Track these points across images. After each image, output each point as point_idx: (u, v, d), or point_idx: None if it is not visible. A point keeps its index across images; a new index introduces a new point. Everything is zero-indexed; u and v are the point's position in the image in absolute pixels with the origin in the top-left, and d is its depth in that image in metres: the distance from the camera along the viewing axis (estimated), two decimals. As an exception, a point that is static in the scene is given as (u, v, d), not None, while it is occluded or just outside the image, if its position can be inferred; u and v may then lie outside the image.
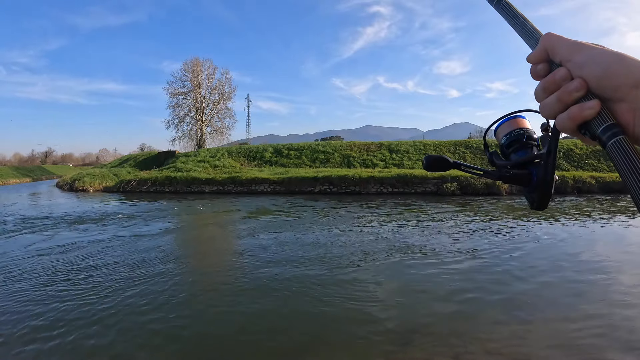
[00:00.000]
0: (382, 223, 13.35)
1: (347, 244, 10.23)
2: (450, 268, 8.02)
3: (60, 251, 10.12)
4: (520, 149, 0.70)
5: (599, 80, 0.44)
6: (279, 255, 9.20)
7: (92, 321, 5.73)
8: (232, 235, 12.64)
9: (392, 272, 7.91)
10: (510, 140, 0.71)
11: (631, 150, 0.40)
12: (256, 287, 7.09)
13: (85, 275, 7.92)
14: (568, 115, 0.46)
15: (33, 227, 14.08)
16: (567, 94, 0.46)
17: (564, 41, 0.49)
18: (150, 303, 6.37)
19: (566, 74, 0.48)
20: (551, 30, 0.51)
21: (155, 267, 8.49)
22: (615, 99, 0.44)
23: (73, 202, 23.59)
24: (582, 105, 0.45)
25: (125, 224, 14.34)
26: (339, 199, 20.77)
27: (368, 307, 6.09)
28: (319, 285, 7.05)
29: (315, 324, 5.61)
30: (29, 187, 42.02)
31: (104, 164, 52.74)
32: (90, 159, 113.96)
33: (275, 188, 26.09)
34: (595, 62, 0.45)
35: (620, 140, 0.41)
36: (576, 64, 0.47)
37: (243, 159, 34.47)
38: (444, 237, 10.90)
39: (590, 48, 0.47)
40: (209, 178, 28.57)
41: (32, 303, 6.44)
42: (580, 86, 0.45)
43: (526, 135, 0.70)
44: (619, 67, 0.43)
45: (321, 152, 33.22)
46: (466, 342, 4.89)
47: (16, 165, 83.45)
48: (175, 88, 48.38)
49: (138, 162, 39.24)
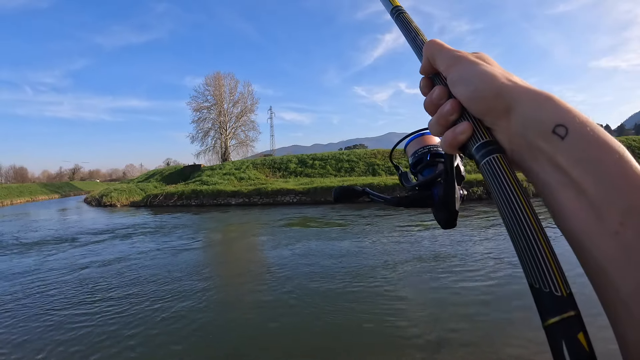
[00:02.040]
0: (410, 231, 12.74)
1: (376, 253, 9.72)
2: (480, 275, 7.73)
3: (90, 266, 9.86)
4: (425, 167, 0.66)
5: (469, 103, 0.41)
6: (311, 267, 8.73)
7: (116, 338, 5.61)
8: (259, 248, 12.22)
9: (421, 281, 7.67)
10: (415, 160, 0.68)
11: (502, 170, 0.37)
12: (288, 300, 6.84)
13: (117, 290, 7.69)
14: (444, 140, 0.43)
15: (63, 242, 13.97)
16: (443, 117, 0.43)
17: (444, 52, 0.45)
18: (177, 322, 6.10)
19: (441, 94, 0.44)
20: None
21: (184, 282, 8.28)
22: (488, 122, 0.40)
23: (101, 217, 23.65)
24: (454, 130, 0.42)
25: (153, 238, 14.08)
26: (365, 207, 20.23)
27: (400, 318, 5.89)
28: (352, 298, 6.62)
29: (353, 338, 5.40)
30: (57, 203, 42.87)
31: (131, 179, 53.59)
32: (117, 174, 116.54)
33: (301, 198, 25.65)
34: (464, 81, 0.41)
35: (493, 159, 0.38)
36: (450, 81, 0.43)
37: (268, 170, 34.25)
38: (471, 244, 10.30)
39: (466, 63, 0.42)
40: (235, 190, 28.36)
41: (66, 317, 6.20)
42: (452, 110, 0.42)
43: (430, 153, 0.66)
44: (487, 90, 0.39)
45: (346, 161, 32.74)
46: (497, 349, 4.84)
47: (45, 182, 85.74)
48: (198, 102, 49.01)
49: (164, 177, 39.47)
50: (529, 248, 0.31)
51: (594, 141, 0.33)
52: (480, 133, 0.40)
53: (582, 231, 0.32)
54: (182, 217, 21.17)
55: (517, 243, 0.32)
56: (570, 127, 0.34)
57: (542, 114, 0.36)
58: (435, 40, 0.47)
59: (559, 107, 0.36)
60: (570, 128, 0.34)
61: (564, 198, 0.34)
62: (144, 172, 60.22)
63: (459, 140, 0.41)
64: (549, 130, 0.35)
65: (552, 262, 0.31)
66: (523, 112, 0.37)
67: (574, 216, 0.33)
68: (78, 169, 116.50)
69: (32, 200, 53.92)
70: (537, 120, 0.36)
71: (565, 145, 0.34)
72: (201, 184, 31.50)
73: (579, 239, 0.32)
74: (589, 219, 0.32)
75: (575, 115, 0.35)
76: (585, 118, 0.35)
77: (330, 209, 21.07)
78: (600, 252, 0.31)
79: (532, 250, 0.31)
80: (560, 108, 0.36)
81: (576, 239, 0.33)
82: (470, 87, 0.40)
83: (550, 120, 0.35)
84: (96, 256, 11.52)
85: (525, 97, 0.37)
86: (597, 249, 0.31)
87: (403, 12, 0.57)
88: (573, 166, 0.33)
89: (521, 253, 0.32)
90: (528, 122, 0.36)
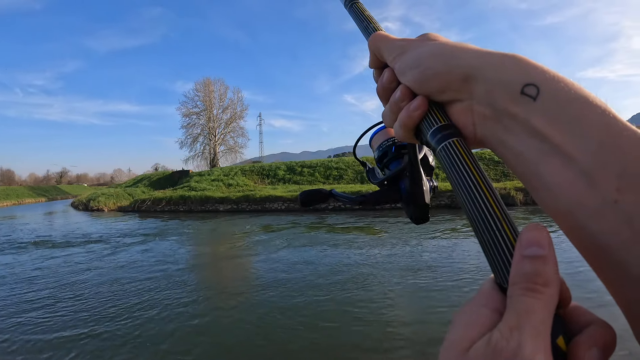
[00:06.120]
0: (397, 239, 12.98)
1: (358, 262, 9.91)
2: (465, 281, 7.81)
3: (73, 270, 9.89)
4: (391, 161, 0.63)
5: (421, 86, 0.38)
6: (299, 274, 8.82)
7: (86, 346, 5.51)
8: (245, 255, 12.27)
9: (410, 291, 7.63)
10: (380, 153, 0.64)
11: (460, 155, 0.33)
12: (273, 307, 6.83)
13: (98, 294, 7.70)
14: (399, 124, 0.40)
15: (47, 246, 13.95)
16: (395, 104, 0.40)
17: (389, 43, 0.43)
18: (163, 331, 6.07)
19: (390, 77, 0.42)
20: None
21: (166, 290, 8.22)
22: (446, 101, 0.37)
23: (88, 221, 23.62)
24: (407, 108, 0.38)
25: (138, 244, 14.15)
26: (354, 215, 20.47)
27: (387, 322, 5.79)
28: (339, 303, 6.70)
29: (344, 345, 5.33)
30: (44, 207, 42.52)
31: (119, 183, 53.35)
32: (105, 179, 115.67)
33: (289, 205, 25.83)
34: (411, 65, 0.39)
35: (450, 144, 0.34)
36: (397, 71, 0.41)
37: (256, 177, 34.45)
38: (455, 253, 10.54)
39: (411, 48, 0.40)
40: (223, 197, 28.50)
41: (46, 320, 6.24)
42: (403, 95, 0.39)
43: (395, 145, 0.62)
44: (438, 65, 0.36)
45: (334, 169, 33.06)
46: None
47: (32, 185, 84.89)
48: (187, 108, 49.23)
49: (152, 182, 39.50)
50: (495, 243, 0.28)
51: (570, 97, 0.29)
52: (434, 117, 0.37)
53: (573, 205, 0.28)
54: (169, 223, 21.25)
55: (481, 238, 0.29)
56: (541, 84, 0.30)
57: (505, 75, 0.32)
58: (379, 33, 0.45)
59: (524, 65, 0.32)
60: (542, 86, 0.30)
61: (547, 168, 0.30)
62: (132, 177, 59.99)
63: (414, 118, 0.38)
64: (517, 91, 0.31)
65: None
66: (483, 77, 0.34)
67: (562, 188, 0.29)
68: (66, 173, 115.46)
69: (18, 204, 53.40)
70: (500, 82, 0.32)
71: (539, 106, 0.30)
72: (189, 189, 31.56)
73: (571, 214, 0.28)
74: (581, 190, 0.28)
75: (544, 71, 0.31)
76: (556, 73, 0.31)
77: (319, 216, 21.29)
78: (600, 226, 0.27)
79: (499, 245, 0.28)
80: (525, 65, 0.32)
81: (566, 215, 0.29)
82: (419, 67, 0.38)
83: (516, 80, 0.31)
84: (77, 261, 11.52)
85: (482, 61, 0.34)
86: (595, 223, 0.27)
87: (357, 2, 0.56)
88: (552, 128, 0.29)
89: (487, 249, 0.29)
90: (491, 86, 0.33)
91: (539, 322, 0.24)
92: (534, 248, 0.25)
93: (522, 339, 0.23)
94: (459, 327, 0.27)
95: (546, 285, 0.25)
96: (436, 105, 0.38)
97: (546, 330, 0.24)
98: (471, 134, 0.36)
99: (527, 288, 0.25)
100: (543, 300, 0.24)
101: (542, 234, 0.26)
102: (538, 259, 0.25)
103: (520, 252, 0.26)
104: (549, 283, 0.25)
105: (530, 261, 0.25)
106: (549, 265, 0.25)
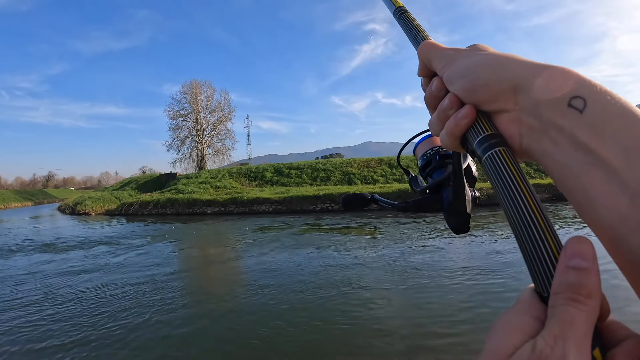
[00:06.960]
0: (387, 241, 13.27)
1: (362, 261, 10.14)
2: (458, 284, 7.86)
3: (59, 274, 10.00)
4: (435, 170, 0.64)
5: (470, 95, 0.38)
6: (289, 277, 9.04)
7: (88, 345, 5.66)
8: (233, 257, 12.46)
9: (402, 291, 7.76)
10: (424, 162, 0.66)
11: (506, 164, 0.33)
12: (265, 309, 6.95)
13: (84, 300, 7.81)
14: (446, 132, 0.40)
15: (33, 251, 14.01)
16: (443, 112, 0.41)
17: (438, 52, 0.44)
18: (155, 336, 6.21)
19: (439, 85, 0.43)
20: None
21: (153, 294, 8.27)
22: (494, 111, 0.37)
23: (74, 225, 23.65)
24: (455, 116, 0.39)
25: (125, 248, 14.27)
26: (341, 216, 20.72)
27: (378, 320, 6.01)
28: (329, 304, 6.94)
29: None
30: (30, 211, 42.16)
31: (106, 187, 52.96)
32: (92, 182, 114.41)
33: (277, 207, 26.10)
34: (461, 74, 0.39)
35: (496, 153, 0.34)
36: (446, 80, 0.41)
37: (244, 179, 34.56)
38: (446, 254, 10.83)
39: (460, 59, 0.41)
40: (211, 199, 28.65)
41: (33, 325, 6.38)
42: (451, 104, 0.40)
43: (439, 154, 0.64)
44: (488, 75, 0.37)
45: (322, 170, 33.27)
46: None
47: (18, 189, 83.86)
48: (174, 110, 48.93)
49: (139, 185, 39.36)
50: (538, 253, 0.28)
51: (616, 111, 0.29)
52: (481, 127, 0.37)
53: (615, 219, 0.28)
54: (156, 226, 21.38)
55: (524, 248, 0.29)
56: (588, 97, 0.30)
57: (553, 87, 0.32)
58: (429, 42, 0.46)
59: (572, 77, 0.32)
60: (588, 99, 0.30)
61: (590, 181, 0.29)
62: (119, 180, 59.57)
63: (461, 126, 0.38)
64: (565, 104, 0.31)
65: None
66: (532, 88, 0.33)
67: (605, 201, 0.28)
68: (52, 176, 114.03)
69: (4, 208, 52.87)
70: (548, 93, 0.32)
71: (585, 119, 0.30)
72: (177, 192, 31.63)
73: (612, 229, 0.28)
74: (624, 204, 0.27)
75: (592, 84, 0.31)
76: (603, 86, 0.31)
77: (308, 217, 21.53)
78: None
79: (541, 255, 0.27)
80: (573, 77, 0.32)
81: (608, 229, 0.28)
82: (469, 77, 0.38)
83: (564, 93, 0.31)
84: (63, 266, 11.58)
85: (531, 72, 0.34)
86: (637, 238, 0.26)
87: (405, 12, 0.57)
88: (597, 141, 0.29)
89: (529, 259, 0.28)
90: (539, 98, 0.33)
91: (582, 334, 0.24)
92: (578, 259, 0.25)
93: (566, 348, 0.23)
94: (501, 334, 0.27)
95: (589, 297, 0.25)
96: (483, 115, 0.38)
97: (588, 342, 0.24)
98: (517, 144, 0.35)
99: (570, 298, 0.25)
100: (586, 312, 0.25)
101: (587, 246, 0.26)
102: (582, 270, 0.25)
103: (564, 263, 0.26)
104: (592, 295, 0.25)
105: (575, 272, 0.25)
106: (593, 278, 0.25)
